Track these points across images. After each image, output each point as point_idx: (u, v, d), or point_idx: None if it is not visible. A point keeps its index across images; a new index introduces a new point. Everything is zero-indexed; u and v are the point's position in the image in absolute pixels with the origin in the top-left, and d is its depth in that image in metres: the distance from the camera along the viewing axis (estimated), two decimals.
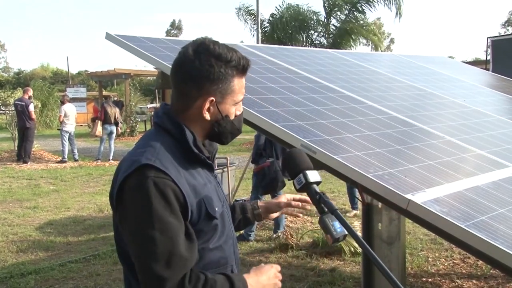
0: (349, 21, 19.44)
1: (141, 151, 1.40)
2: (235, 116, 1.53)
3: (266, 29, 19.99)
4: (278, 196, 1.87)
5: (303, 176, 1.47)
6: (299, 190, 1.49)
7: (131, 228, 1.35)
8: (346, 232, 1.40)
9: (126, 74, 21.71)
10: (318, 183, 1.48)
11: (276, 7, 20.81)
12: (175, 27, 57.66)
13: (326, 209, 1.42)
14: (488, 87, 5.21)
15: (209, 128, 1.50)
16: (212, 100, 1.46)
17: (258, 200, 1.86)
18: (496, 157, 2.80)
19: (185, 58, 1.46)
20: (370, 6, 19.21)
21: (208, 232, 1.44)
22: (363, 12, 19.58)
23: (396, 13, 19.08)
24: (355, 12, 19.53)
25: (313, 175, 1.48)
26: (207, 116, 1.47)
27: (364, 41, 20.95)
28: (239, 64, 1.47)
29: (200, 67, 1.43)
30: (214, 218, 1.45)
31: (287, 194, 1.85)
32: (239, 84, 1.49)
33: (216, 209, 1.47)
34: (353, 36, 19.45)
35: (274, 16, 19.95)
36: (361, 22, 19.80)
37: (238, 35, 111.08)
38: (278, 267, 1.58)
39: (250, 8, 20.21)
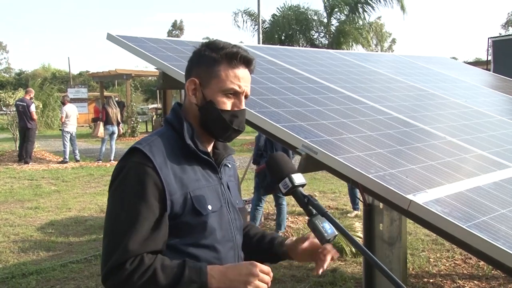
0: (345, 22, 19.46)
1: (140, 140, 1.50)
2: (231, 110, 1.51)
3: (266, 30, 20.01)
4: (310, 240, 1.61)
5: (288, 180, 1.45)
6: (286, 194, 1.47)
7: (107, 203, 1.46)
8: (337, 233, 1.40)
9: (127, 75, 21.73)
10: (303, 185, 1.47)
11: (277, 7, 20.83)
12: (177, 28, 57.63)
13: (315, 211, 1.42)
14: (489, 87, 5.20)
15: (198, 115, 1.53)
16: (195, 81, 1.52)
17: (289, 239, 1.68)
18: (497, 158, 2.80)
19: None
20: (370, 6, 19.22)
21: (195, 227, 1.45)
22: (361, 13, 19.59)
23: (401, 8, 19.06)
24: (355, 13, 19.54)
25: (298, 178, 1.46)
26: (193, 99, 1.52)
27: (370, 42, 20.99)
28: (227, 50, 1.50)
29: (193, 56, 1.56)
30: (201, 215, 1.45)
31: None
32: (226, 71, 1.49)
33: (209, 207, 1.47)
34: (351, 37, 19.46)
35: (276, 16, 19.97)
36: (360, 22, 19.80)
37: (239, 35, 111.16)
38: (265, 268, 1.40)
39: (249, 10, 20.28)
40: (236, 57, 1.50)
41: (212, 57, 1.50)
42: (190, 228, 1.44)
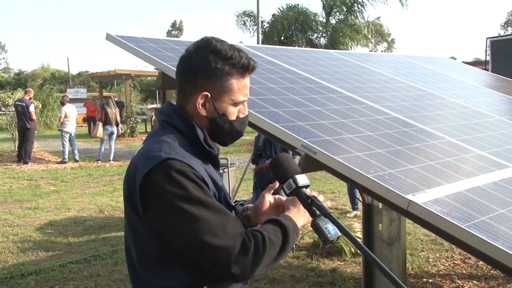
0: (343, 21, 19.45)
1: (156, 147, 1.41)
2: (237, 118, 1.52)
3: (265, 30, 20.04)
4: (264, 195, 1.67)
5: (292, 181, 1.46)
6: (289, 195, 1.49)
7: (174, 219, 1.35)
8: (340, 234, 1.41)
9: (127, 75, 21.70)
10: (307, 186, 1.48)
11: (278, 8, 20.82)
12: (176, 28, 57.61)
13: (318, 212, 1.43)
14: (488, 87, 5.21)
15: (208, 126, 1.51)
16: (207, 95, 1.47)
17: (250, 204, 1.78)
18: (497, 158, 2.80)
19: (186, 53, 1.50)
20: (366, 5, 19.23)
21: None
22: (359, 12, 19.56)
23: (400, 1, 18.97)
24: (351, 13, 19.54)
25: (302, 179, 1.47)
26: (203, 112, 1.48)
27: (364, 41, 20.95)
28: (239, 63, 1.46)
29: (197, 61, 1.46)
30: (234, 209, 1.50)
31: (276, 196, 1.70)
32: (238, 83, 1.48)
33: None
34: (348, 36, 19.43)
35: (275, 16, 19.99)
36: (358, 21, 19.78)
37: (239, 35, 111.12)
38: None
39: (249, 11, 20.34)
40: (248, 69, 1.49)
41: (225, 71, 1.45)
42: None
